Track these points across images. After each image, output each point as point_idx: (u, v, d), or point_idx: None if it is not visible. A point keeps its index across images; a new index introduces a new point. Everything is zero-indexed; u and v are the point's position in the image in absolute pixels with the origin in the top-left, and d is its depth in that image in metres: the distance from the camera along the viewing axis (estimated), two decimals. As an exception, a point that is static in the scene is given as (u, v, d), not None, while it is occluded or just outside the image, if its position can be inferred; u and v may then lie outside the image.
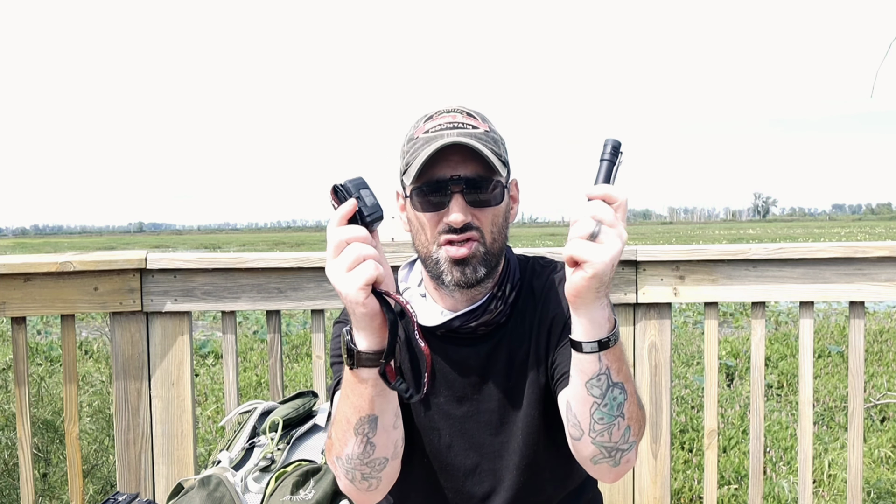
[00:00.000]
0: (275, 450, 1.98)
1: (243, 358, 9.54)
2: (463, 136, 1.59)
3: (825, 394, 7.19)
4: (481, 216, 1.64)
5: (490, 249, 1.65)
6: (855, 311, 2.67)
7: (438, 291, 1.74)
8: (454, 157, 1.60)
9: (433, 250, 1.66)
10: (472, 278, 1.64)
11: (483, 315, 1.72)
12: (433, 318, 1.74)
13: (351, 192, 1.39)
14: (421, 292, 1.80)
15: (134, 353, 2.58)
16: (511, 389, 1.76)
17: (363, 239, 1.37)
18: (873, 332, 10.20)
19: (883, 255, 2.62)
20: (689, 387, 7.49)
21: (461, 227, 1.61)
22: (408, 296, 1.80)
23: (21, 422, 2.50)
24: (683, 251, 2.63)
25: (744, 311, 13.06)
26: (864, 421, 4.78)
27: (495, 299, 1.73)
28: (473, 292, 1.70)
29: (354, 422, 1.51)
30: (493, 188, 1.63)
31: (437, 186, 1.61)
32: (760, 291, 2.64)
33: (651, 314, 2.65)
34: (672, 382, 2.67)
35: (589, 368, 1.38)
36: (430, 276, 1.73)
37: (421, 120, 1.69)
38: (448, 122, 1.63)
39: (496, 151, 1.63)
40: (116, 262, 2.53)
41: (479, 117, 1.68)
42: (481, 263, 1.64)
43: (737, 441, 5.81)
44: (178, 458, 2.61)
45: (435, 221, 1.64)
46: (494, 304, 1.72)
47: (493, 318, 1.73)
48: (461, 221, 1.60)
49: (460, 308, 1.72)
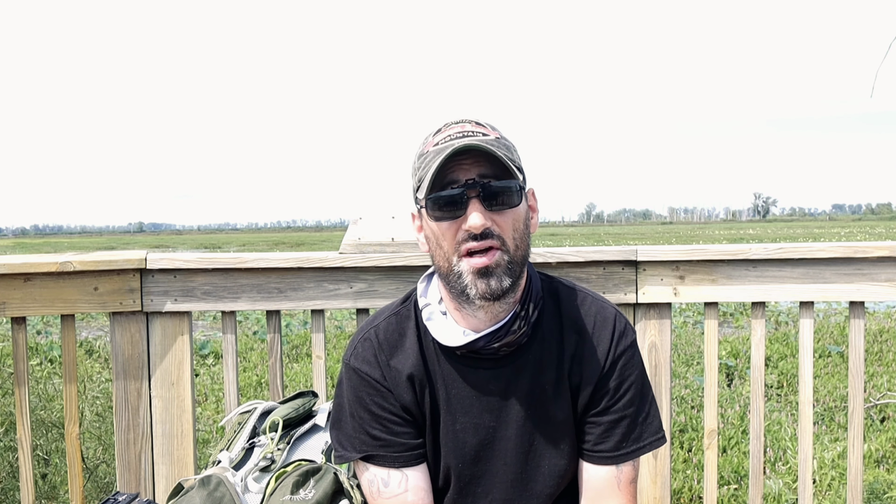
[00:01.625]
0: (275, 450, 1.98)
1: (243, 358, 9.55)
2: (474, 141, 1.56)
3: (825, 394, 7.20)
4: (501, 221, 1.59)
5: (513, 258, 1.60)
6: (855, 311, 2.67)
7: (460, 312, 1.70)
8: (466, 162, 1.57)
9: (454, 262, 1.60)
10: (498, 289, 1.59)
11: (507, 336, 1.67)
12: (455, 339, 1.69)
13: None
14: (441, 310, 1.75)
15: (134, 352, 2.58)
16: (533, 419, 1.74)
17: None
18: (873, 332, 10.21)
19: (883, 255, 2.62)
20: (689, 387, 7.50)
21: (481, 232, 1.56)
22: (428, 312, 1.75)
23: (21, 422, 2.50)
24: (683, 251, 2.63)
25: (744, 311, 13.07)
26: (864, 421, 4.78)
27: (518, 319, 1.68)
28: (497, 309, 1.65)
29: None
30: (510, 190, 1.59)
31: (452, 192, 1.57)
32: (760, 291, 2.64)
33: (651, 314, 2.65)
34: (672, 382, 2.67)
35: None
36: (452, 294, 1.67)
37: (430, 135, 1.66)
38: (458, 132, 1.60)
39: (510, 157, 1.59)
40: (116, 262, 2.53)
41: (487, 126, 1.65)
42: (505, 273, 1.59)
43: (737, 441, 5.81)
44: (177, 457, 2.61)
45: (453, 231, 1.59)
46: (518, 325, 1.68)
47: (516, 339, 1.69)
48: (480, 226, 1.55)
49: (482, 328, 1.68)
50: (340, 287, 2.58)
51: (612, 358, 1.73)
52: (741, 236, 67.46)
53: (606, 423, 1.73)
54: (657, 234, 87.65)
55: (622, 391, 1.73)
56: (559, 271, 2.57)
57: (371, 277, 2.57)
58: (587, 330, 1.75)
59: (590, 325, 1.75)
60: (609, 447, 1.74)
